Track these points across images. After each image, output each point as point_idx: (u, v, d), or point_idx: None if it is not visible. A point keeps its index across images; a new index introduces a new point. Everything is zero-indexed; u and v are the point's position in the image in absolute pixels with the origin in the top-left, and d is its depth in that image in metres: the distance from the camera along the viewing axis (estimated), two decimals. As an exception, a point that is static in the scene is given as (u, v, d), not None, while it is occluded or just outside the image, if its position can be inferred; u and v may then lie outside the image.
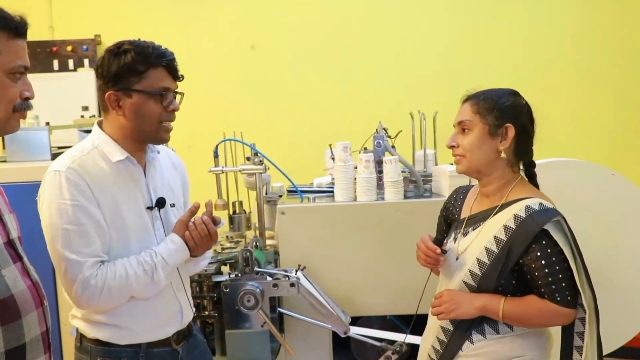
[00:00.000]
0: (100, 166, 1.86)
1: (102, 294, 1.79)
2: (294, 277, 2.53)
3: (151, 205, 1.94)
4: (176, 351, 2.00)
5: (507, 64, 4.33)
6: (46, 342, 1.60)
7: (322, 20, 4.52)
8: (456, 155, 1.99)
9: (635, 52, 4.35)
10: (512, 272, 1.87)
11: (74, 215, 1.77)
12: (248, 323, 2.55)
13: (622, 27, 4.34)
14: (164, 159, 2.08)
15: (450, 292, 1.95)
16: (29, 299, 1.53)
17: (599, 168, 2.59)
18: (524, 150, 1.96)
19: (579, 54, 4.36)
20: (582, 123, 4.28)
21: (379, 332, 2.65)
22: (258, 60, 4.56)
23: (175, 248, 1.91)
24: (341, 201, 2.83)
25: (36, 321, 1.55)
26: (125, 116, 1.86)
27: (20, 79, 1.54)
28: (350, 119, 4.37)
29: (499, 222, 1.90)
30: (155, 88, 1.85)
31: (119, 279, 1.81)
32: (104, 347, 1.90)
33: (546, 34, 4.38)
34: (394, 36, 4.52)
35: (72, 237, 1.77)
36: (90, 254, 1.79)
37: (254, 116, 4.38)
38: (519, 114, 1.94)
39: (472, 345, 1.94)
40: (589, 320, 1.85)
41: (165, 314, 1.97)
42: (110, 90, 1.84)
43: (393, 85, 4.47)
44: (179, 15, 4.60)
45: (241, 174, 2.95)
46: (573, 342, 1.91)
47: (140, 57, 1.82)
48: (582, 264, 1.84)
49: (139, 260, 1.85)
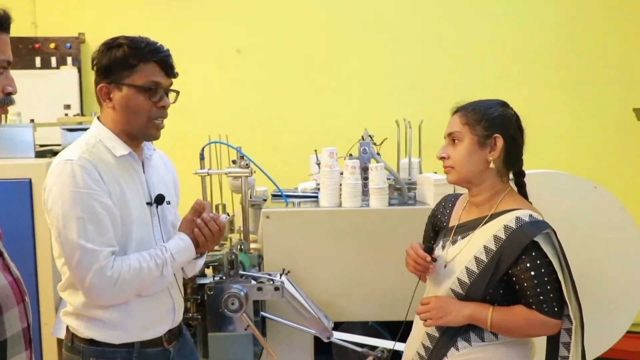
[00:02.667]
0: (107, 159, 1.87)
1: (116, 285, 1.79)
2: (278, 281, 2.53)
3: (150, 201, 1.95)
4: (168, 351, 2.00)
5: (491, 74, 4.38)
6: (27, 339, 1.58)
7: (308, 26, 4.53)
8: (446, 167, 2.02)
9: (616, 65, 4.43)
10: (500, 282, 1.90)
11: (89, 204, 1.76)
12: (231, 326, 2.54)
13: (605, 39, 4.41)
14: (157, 158, 2.09)
15: (439, 299, 1.97)
16: (10, 295, 1.51)
17: (580, 180, 2.63)
18: (513, 160, 1.99)
19: (562, 65, 4.43)
20: (563, 135, 4.33)
21: (362, 338, 2.65)
22: (243, 64, 4.56)
23: (184, 246, 1.93)
24: (326, 206, 2.84)
25: (17, 317, 1.53)
26: (115, 109, 1.87)
27: (2, 74, 1.52)
28: (334, 125, 4.38)
29: (489, 232, 1.93)
30: (145, 82, 1.86)
31: (133, 271, 1.81)
32: (97, 348, 1.88)
33: (530, 45, 4.43)
34: (381, 43, 4.54)
35: (87, 226, 1.76)
36: (105, 243, 1.79)
37: (238, 119, 4.36)
38: (508, 124, 1.97)
39: (457, 352, 1.96)
40: (575, 331, 1.88)
41: (159, 311, 1.97)
42: (102, 83, 1.86)
43: (378, 92, 4.49)
44: (164, 17, 4.58)
45: (227, 176, 2.94)
46: (559, 353, 1.94)
47: (132, 51, 1.84)
48: (570, 276, 1.88)
49: (151, 255, 1.86)
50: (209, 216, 1.97)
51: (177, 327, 2.05)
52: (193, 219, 1.97)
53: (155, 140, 1.99)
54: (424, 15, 4.49)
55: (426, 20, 4.49)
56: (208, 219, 1.96)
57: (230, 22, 4.60)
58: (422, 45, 4.51)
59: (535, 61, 4.43)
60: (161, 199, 1.96)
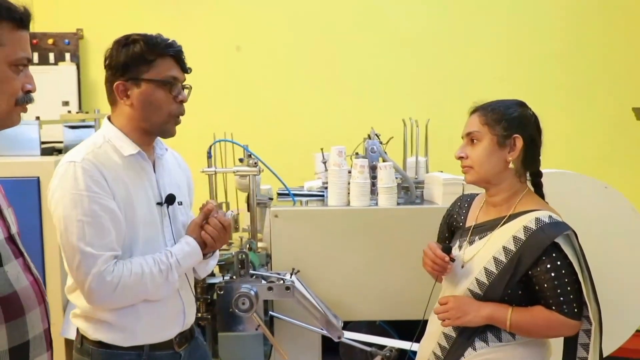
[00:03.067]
0: (114, 159, 1.84)
1: (117, 290, 1.75)
2: (289, 281, 2.51)
3: (161, 201, 1.92)
4: (178, 354, 1.96)
5: (494, 74, 4.38)
6: (48, 340, 1.57)
7: (310, 23, 4.50)
8: (465, 166, 2.01)
9: (616, 65, 4.45)
10: (519, 283, 1.90)
11: (90, 207, 1.74)
12: (241, 326, 2.52)
13: (605, 40, 4.44)
14: (170, 158, 2.06)
15: (457, 299, 1.97)
16: (32, 296, 1.50)
17: (591, 180, 2.64)
18: (531, 160, 1.99)
19: (562, 66, 4.45)
20: (563, 134, 4.35)
21: (373, 338, 2.65)
22: (243, 61, 4.53)
23: (190, 250, 1.90)
24: (334, 205, 2.82)
25: (39, 318, 1.51)
26: (133, 106, 1.85)
27: (22, 72, 1.50)
28: (337, 124, 4.36)
29: (508, 232, 1.92)
30: (163, 77, 1.84)
31: (134, 276, 1.77)
32: (107, 350, 1.86)
33: (532, 46, 4.45)
34: (385, 41, 4.51)
35: (86, 229, 1.73)
36: (105, 246, 1.75)
37: (238, 118, 4.34)
38: (527, 125, 1.97)
39: (474, 352, 1.96)
40: (594, 332, 1.88)
41: (168, 314, 1.94)
42: (118, 80, 1.83)
43: (382, 91, 4.47)
44: (164, 14, 4.54)
45: (234, 175, 2.92)
46: (576, 354, 1.94)
47: (148, 47, 1.82)
48: (590, 277, 1.88)
49: (155, 260, 1.83)
50: (214, 218, 1.94)
51: (188, 329, 2.02)
52: (201, 223, 1.94)
53: (172, 137, 1.97)
54: (430, 14, 4.48)
55: (432, 19, 4.48)
56: (215, 221, 1.93)
57: (230, 19, 4.57)
58: (427, 45, 4.49)
59: (537, 61, 4.44)
60: (172, 199, 1.93)
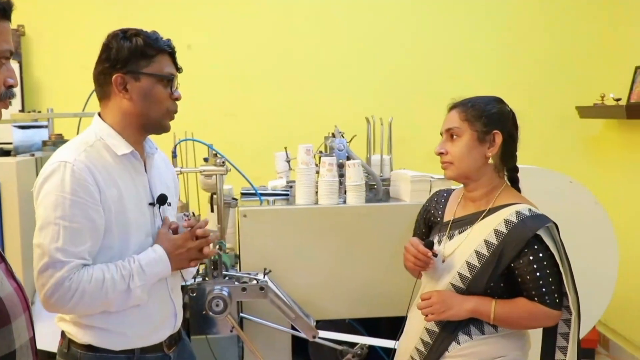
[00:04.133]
0: (106, 159, 1.79)
1: (74, 297, 1.69)
2: (262, 281, 2.48)
3: (153, 202, 1.88)
4: (168, 356, 1.93)
5: (446, 74, 4.44)
6: (33, 349, 1.49)
7: (264, 21, 4.43)
8: (444, 162, 2.03)
9: (562, 66, 4.58)
10: (501, 276, 1.93)
11: (71, 211, 1.68)
12: (214, 328, 2.48)
13: (550, 42, 4.57)
14: (158, 157, 2.02)
15: (441, 293, 1.98)
16: (16, 303, 1.42)
17: (557, 175, 2.71)
18: (509, 155, 2.03)
19: (510, 66, 4.55)
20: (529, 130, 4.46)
21: (347, 336, 2.64)
22: (194, 60, 4.44)
23: (156, 257, 1.82)
24: (302, 204, 2.81)
25: (25, 326, 1.43)
26: (131, 100, 1.80)
27: (4, 65, 1.43)
28: (296, 123, 4.32)
29: (489, 226, 1.96)
30: (163, 72, 1.82)
31: (94, 282, 1.70)
32: (96, 354, 1.80)
33: (482, 45, 4.54)
34: (343, 38, 4.46)
35: (62, 233, 1.67)
36: (77, 255, 1.69)
37: (194, 117, 4.22)
38: (506, 121, 2.01)
39: (458, 345, 1.99)
40: (574, 321, 1.94)
41: (160, 316, 1.90)
42: (117, 73, 1.78)
43: (341, 89, 4.43)
44: (110, 12, 4.39)
45: (200, 174, 2.86)
46: (556, 343, 1.99)
47: (150, 41, 1.80)
48: (569, 268, 1.93)
49: (117, 266, 1.76)
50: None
51: (177, 331, 2.00)
52: (167, 231, 1.89)
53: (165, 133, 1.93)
54: (394, 11, 4.48)
55: (395, 17, 4.48)
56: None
57: (180, 17, 4.46)
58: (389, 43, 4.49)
59: (486, 61, 4.52)
60: (164, 199, 1.90)
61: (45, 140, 3.26)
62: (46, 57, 4.39)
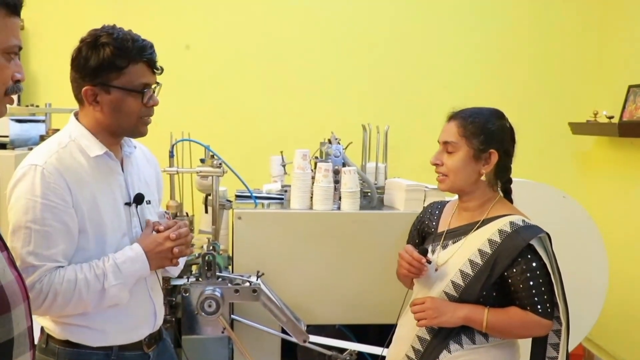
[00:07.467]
0: (79, 161, 1.76)
1: (47, 299, 1.68)
2: (255, 283, 2.49)
3: (129, 201, 1.86)
4: (147, 355, 1.93)
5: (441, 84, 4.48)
6: (30, 338, 1.50)
7: (263, 25, 4.44)
8: (439, 173, 2.05)
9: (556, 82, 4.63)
10: (494, 285, 1.95)
11: (41, 215, 1.67)
12: (205, 328, 2.48)
13: (544, 59, 4.61)
14: (139, 153, 2.00)
15: (434, 299, 2.00)
16: (17, 291, 1.43)
17: (550, 190, 2.74)
18: (503, 171, 2.05)
19: (505, 80, 4.59)
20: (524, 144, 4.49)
21: (337, 342, 2.65)
22: (193, 60, 4.45)
23: (132, 255, 1.80)
24: (297, 209, 2.82)
25: (24, 315, 1.45)
26: (102, 112, 1.77)
27: (13, 60, 1.44)
28: (291, 128, 4.33)
29: (483, 235, 1.98)
30: (135, 85, 1.75)
31: (66, 283, 1.69)
32: (74, 350, 1.80)
33: (478, 58, 4.57)
34: (343, 45, 4.47)
35: (33, 237, 1.67)
36: (49, 258, 1.69)
37: (190, 118, 4.24)
38: (503, 139, 2.02)
39: (449, 354, 2.00)
40: (564, 332, 1.96)
41: (139, 315, 1.90)
42: (87, 85, 1.74)
43: (338, 95, 4.45)
44: (108, 11, 4.38)
45: (197, 175, 2.87)
46: (546, 353, 2.01)
47: (120, 52, 1.72)
48: (560, 278, 1.95)
49: (91, 265, 1.74)
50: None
51: (157, 331, 1.99)
52: (150, 232, 1.88)
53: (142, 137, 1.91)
54: (391, 20, 4.50)
55: (393, 25, 4.49)
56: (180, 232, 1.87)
57: (179, 16, 4.47)
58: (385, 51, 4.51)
59: (480, 75, 4.56)
60: (141, 198, 1.88)
61: (43, 134, 3.26)
62: (45, 51, 4.37)
